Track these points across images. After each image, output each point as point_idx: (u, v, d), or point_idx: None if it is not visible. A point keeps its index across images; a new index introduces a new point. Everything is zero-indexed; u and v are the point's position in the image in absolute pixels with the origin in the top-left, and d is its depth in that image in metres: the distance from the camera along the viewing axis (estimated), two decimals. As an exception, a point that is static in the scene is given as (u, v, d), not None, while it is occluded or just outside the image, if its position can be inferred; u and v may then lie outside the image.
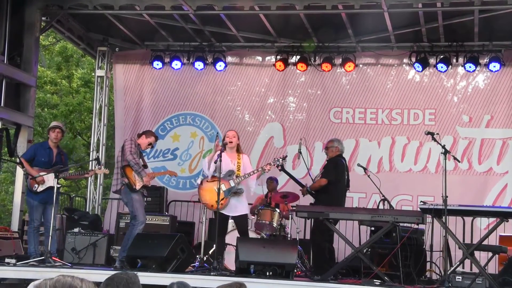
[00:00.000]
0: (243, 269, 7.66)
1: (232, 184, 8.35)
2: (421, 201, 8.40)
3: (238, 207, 8.43)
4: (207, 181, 8.47)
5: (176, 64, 12.54)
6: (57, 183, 8.61)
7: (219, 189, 8.08)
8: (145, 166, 8.91)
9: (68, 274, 2.26)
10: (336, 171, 9.12)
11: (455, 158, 8.78)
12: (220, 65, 12.41)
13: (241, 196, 8.46)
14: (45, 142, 9.21)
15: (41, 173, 8.74)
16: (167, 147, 12.82)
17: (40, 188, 8.75)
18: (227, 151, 8.47)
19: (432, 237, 8.79)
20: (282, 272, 7.62)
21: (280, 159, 8.76)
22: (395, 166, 11.95)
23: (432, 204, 7.93)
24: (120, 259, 8.46)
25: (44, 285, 2.20)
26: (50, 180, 8.73)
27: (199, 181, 8.67)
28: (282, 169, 9.38)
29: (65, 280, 2.20)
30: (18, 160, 9.78)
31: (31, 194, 8.80)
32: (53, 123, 9.46)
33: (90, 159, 13.35)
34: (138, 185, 8.62)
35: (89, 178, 12.89)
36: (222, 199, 8.17)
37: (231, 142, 8.48)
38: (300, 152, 9.67)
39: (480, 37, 11.38)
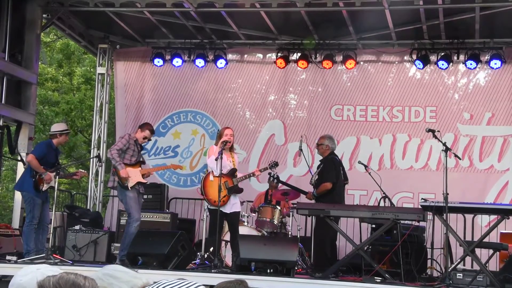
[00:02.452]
0: (244, 267, 7.67)
1: (235, 183, 8.46)
2: (422, 199, 8.42)
3: (234, 205, 8.57)
4: (214, 176, 8.49)
5: (177, 61, 12.53)
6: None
7: (220, 185, 8.14)
8: (142, 162, 8.90)
9: (71, 271, 2.27)
10: (335, 171, 9.14)
11: (456, 156, 8.79)
12: (221, 63, 12.40)
13: (237, 195, 8.61)
14: (49, 141, 9.11)
15: (51, 174, 8.85)
16: (168, 145, 12.82)
17: (45, 187, 8.82)
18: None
19: (433, 235, 8.81)
20: (283, 269, 7.62)
21: (273, 163, 8.94)
22: (396, 163, 11.95)
23: (433, 202, 7.95)
24: (120, 258, 8.46)
25: (48, 282, 2.20)
26: (54, 180, 8.81)
27: (215, 174, 8.53)
28: (279, 181, 9.58)
29: (69, 277, 2.20)
30: (19, 158, 9.81)
31: (36, 192, 8.78)
32: (64, 126, 9.43)
33: (91, 156, 13.37)
34: (131, 182, 8.59)
35: (90, 175, 12.91)
36: (224, 196, 8.32)
37: (229, 141, 8.55)
38: (301, 150, 9.69)
39: (481, 34, 11.37)
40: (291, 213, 9.79)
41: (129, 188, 8.59)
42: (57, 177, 8.71)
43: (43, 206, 8.83)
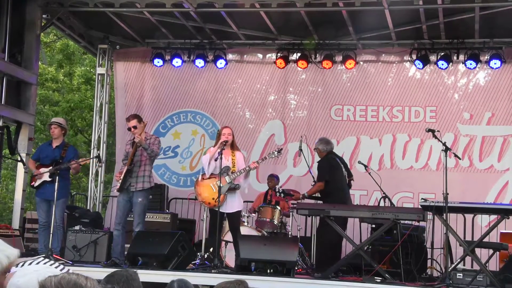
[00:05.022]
0: (244, 267, 7.67)
1: (228, 180, 8.39)
2: (422, 199, 8.42)
3: (232, 204, 8.51)
4: (203, 178, 8.52)
5: (177, 61, 12.52)
6: (49, 177, 8.75)
7: (219, 186, 8.13)
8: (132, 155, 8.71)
9: (72, 271, 2.27)
10: (329, 170, 9.13)
11: (456, 156, 8.79)
12: (220, 63, 12.40)
13: (236, 193, 8.52)
14: (51, 139, 9.37)
15: (42, 170, 8.94)
16: (168, 145, 12.81)
17: (36, 183, 8.90)
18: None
19: (433, 234, 8.83)
20: (283, 269, 7.62)
21: (275, 152, 8.79)
22: (396, 163, 11.95)
23: (433, 201, 7.95)
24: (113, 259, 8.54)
25: (49, 282, 2.20)
26: (45, 175, 8.84)
27: (204, 176, 8.68)
28: (285, 194, 9.49)
29: (70, 278, 2.21)
30: (19, 158, 9.83)
31: (35, 190, 8.98)
32: (55, 119, 9.62)
33: (91, 156, 13.37)
34: (120, 183, 8.62)
35: (90, 176, 12.93)
36: (218, 197, 8.27)
37: (227, 141, 8.53)
38: (301, 150, 9.69)
39: (480, 34, 11.37)
40: (291, 213, 9.79)
41: (118, 191, 8.71)
42: (48, 172, 8.75)
43: (50, 205, 8.77)
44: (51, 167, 8.83)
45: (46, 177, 8.85)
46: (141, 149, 8.60)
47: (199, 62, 12.45)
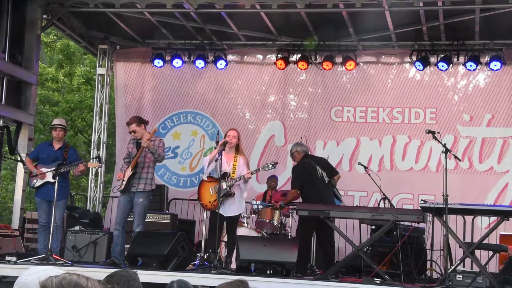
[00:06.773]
0: (243, 268, 7.68)
1: (225, 186, 8.39)
2: (422, 200, 8.41)
3: (232, 207, 8.53)
4: (205, 181, 8.59)
5: (177, 62, 12.53)
6: (53, 178, 8.70)
7: (219, 187, 8.14)
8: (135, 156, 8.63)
9: (73, 272, 2.27)
10: (299, 176, 9.02)
11: (456, 157, 8.78)
12: (221, 64, 12.40)
13: (236, 197, 8.52)
14: (52, 139, 9.34)
15: (44, 170, 8.88)
16: (167, 145, 12.73)
17: (37, 183, 8.87)
18: (226, 151, 8.51)
19: (433, 236, 8.82)
20: (283, 270, 7.64)
21: (270, 165, 8.76)
22: (396, 164, 11.95)
23: (433, 203, 7.95)
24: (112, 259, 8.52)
25: (50, 283, 2.20)
26: (48, 175, 8.81)
27: (205, 177, 8.70)
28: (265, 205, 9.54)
29: (71, 278, 2.21)
30: (19, 158, 9.84)
31: (34, 191, 8.97)
32: (54, 121, 9.60)
33: (91, 157, 13.38)
34: (123, 185, 8.60)
35: (90, 175, 12.93)
36: (215, 200, 8.37)
37: (230, 142, 8.51)
38: (301, 151, 9.67)
39: (481, 36, 11.37)
40: (290, 214, 9.79)
41: (120, 192, 8.68)
42: (52, 173, 8.73)
43: (50, 205, 8.73)
44: (54, 168, 8.81)
45: (49, 178, 8.83)
46: (146, 151, 8.56)
47: (199, 63, 12.45)
